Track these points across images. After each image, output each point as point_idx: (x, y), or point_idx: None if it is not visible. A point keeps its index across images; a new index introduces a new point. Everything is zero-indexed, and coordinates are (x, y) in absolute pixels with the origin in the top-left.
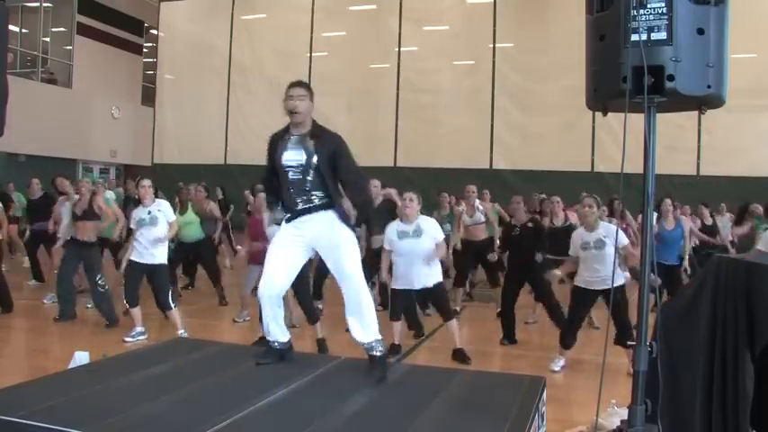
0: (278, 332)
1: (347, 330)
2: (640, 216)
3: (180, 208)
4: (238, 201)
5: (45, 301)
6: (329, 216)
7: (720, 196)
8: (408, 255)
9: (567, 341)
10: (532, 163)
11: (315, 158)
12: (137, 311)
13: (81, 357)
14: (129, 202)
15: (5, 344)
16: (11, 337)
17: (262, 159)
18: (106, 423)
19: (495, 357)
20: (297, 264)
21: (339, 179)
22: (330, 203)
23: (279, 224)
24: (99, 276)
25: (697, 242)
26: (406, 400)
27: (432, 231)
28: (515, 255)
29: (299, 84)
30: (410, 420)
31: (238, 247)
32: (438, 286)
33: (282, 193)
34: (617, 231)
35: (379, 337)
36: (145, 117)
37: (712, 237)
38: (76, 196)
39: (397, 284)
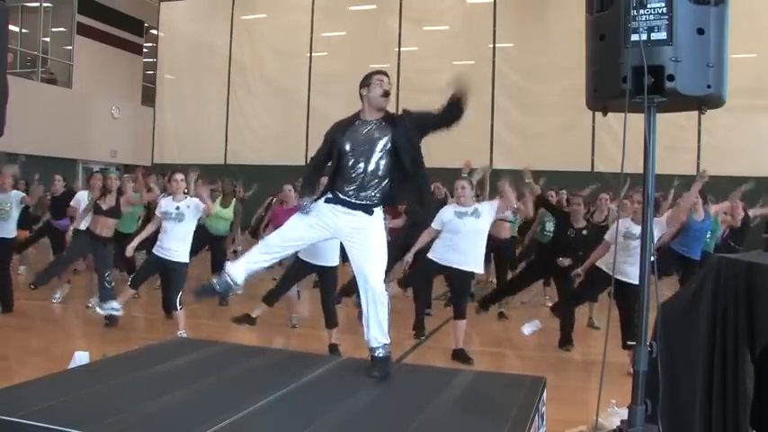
0: (243, 270)
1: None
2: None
3: (223, 199)
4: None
5: (53, 300)
6: (370, 219)
7: (721, 196)
8: (469, 233)
9: (561, 312)
10: (532, 163)
11: (388, 142)
12: (131, 293)
13: (81, 357)
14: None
15: (6, 344)
16: (11, 337)
17: (262, 159)
18: (106, 423)
19: (495, 357)
20: (309, 241)
21: (434, 114)
22: (376, 205)
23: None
24: (108, 273)
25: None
26: (407, 400)
27: (491, 212)
28: (555, 252)
29: (387, 73)
30: (410, 420)
31: (239, 248)
32: (472, 277)
33: (336, 177)
34: (618, 224)
35: (387, 341)
36: (145, 117)
37: (743, 234)
38: (86, 192)
39: (440, 259)
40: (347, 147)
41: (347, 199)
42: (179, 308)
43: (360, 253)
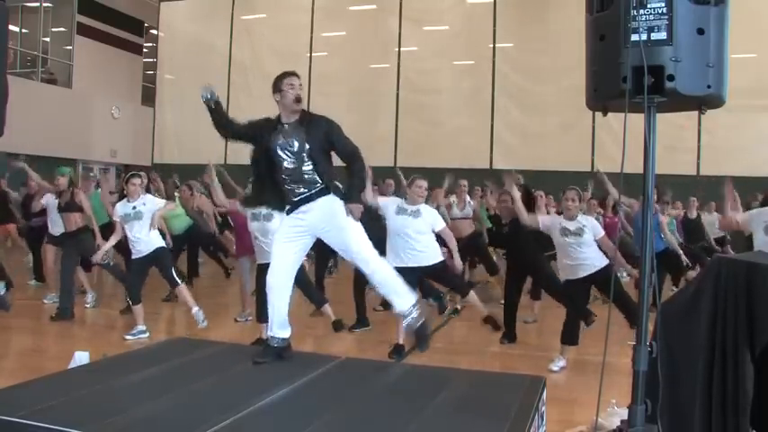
0: (279, 325)
1: (349, 330)
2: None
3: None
4: None
5: (45, 300)
6: (328, 201)
7: (720, 196)
8: (399, 230)
9: (569, 338)
10: (532, 163)
11: (307, 144)
12: (139, 309)
13: (81, 357)
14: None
15: (5, 344)
16: (11, 337)
17: None
18: (106, 423)
19: (495, 357)
20: (302, 253)
21: (339, 156)
22: (326, 189)
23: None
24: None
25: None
26: (407, 400)
27: (430, 218)
28: (512, 251)
29: (296, 73)
30: (410, 420)
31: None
32: (440, 265)
33: (278, 185)
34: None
35: (413, 299)
36: (145, 117)
37: (696, 232)
38: (49, 196)
39: (401, 262)
40: (277, 149)
41: (301, 198)
42: (179, 282)
43: (338, 237)
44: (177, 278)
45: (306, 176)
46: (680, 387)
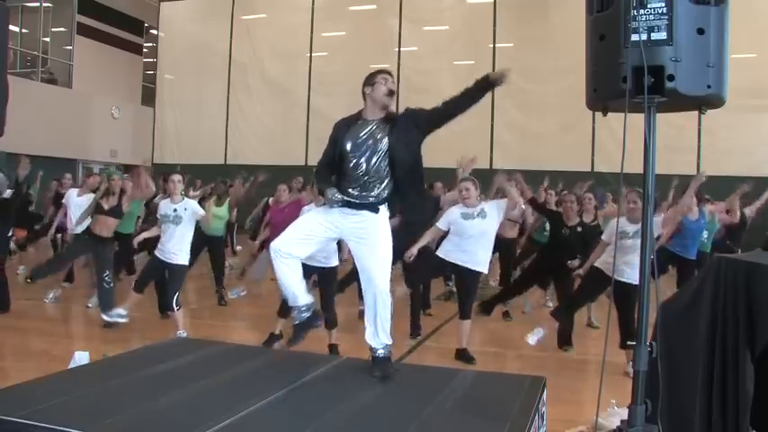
0: (299, 290)
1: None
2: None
3: (218, 199)
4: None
5: (45, 300)
6: (374, 219)
7: (720, 196)
8: (476, 236)
9: (561, 317)
10: (532, 163)
11: (386, 141)
12: (136, 298)
13: (81, 357)
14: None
15: (5, 344)
16: (11, 337)
17: (262, 159)
18: (106, 423)
19: (495, 357)
20: (319, 243)
21: (436, 118)
22: (382, 203)
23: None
24: (106, 273)
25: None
26: (406, 400)
27: (496, 209)
28: (553, 252)
29: (391, 72)
30: (410, 420)
31: (238, 248)
32: (479, 276)
33: (340, 179)
34: (616, 223)
35: (389, 341)
36: (145, 117)
37: (740, 234)
38: (75, 191)
39: (448, 256)
40: (348, 147)
41: (352, 200)
42: (176, 308)
43: (365, 253)
44: (175, 304)
45: (368, 179)
46: (680, 387)
